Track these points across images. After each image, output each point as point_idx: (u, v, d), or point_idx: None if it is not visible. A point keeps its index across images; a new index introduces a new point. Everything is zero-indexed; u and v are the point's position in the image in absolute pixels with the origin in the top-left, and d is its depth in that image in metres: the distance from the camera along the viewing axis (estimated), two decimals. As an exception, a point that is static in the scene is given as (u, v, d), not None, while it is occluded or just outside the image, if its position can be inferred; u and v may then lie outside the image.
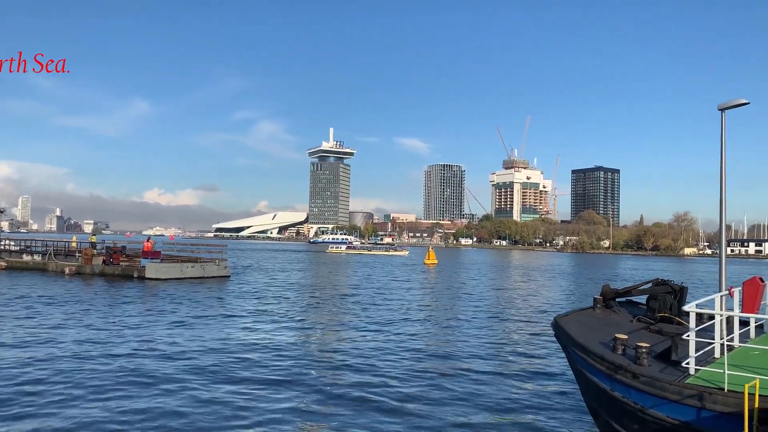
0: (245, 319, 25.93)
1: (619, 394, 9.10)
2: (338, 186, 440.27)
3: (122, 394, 13.45)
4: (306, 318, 27.04)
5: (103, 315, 25.70)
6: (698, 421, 7.98)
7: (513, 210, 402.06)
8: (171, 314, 26.60)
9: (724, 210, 13.64)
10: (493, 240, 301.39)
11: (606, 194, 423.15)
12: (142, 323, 23.77)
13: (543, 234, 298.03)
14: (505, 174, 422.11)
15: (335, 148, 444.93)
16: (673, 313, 12.08)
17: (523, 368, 17.46)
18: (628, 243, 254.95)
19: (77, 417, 11.76)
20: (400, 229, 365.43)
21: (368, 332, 23.23)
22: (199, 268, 48.10)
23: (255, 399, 13.39)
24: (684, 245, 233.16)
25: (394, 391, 14.38)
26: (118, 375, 15.10)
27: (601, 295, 12.98)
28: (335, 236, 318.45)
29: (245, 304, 31.41)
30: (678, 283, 12.82)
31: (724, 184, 13.44)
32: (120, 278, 44.99)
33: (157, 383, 14.44)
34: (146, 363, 16.58)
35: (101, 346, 18.71)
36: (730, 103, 12.85)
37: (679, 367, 8.99)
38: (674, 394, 8.22)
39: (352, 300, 35.33)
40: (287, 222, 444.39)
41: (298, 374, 15.86)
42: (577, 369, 10.74)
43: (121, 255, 49.37)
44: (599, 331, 11.10)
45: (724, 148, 13.22)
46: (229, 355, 18.08)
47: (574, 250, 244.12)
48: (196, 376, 15.23)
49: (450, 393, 14.31)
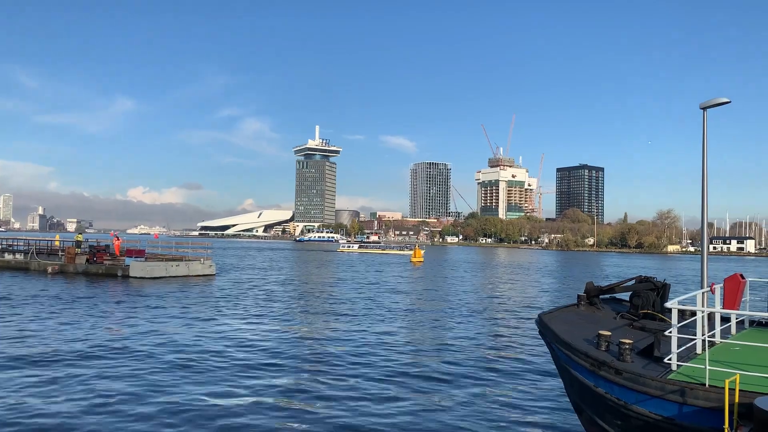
0: (229, 318, 25.81)
1: (603, 390, 9.18)
2: (324, 184, 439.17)
3: (96, 394, 13.35)
4: (289, 316, 26.97)
5: (80, 314, 25.47)
6: (680, 416, 8.07)
7: (498, 208, 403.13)
8: (153, 312, 26.41)
9: (706, 208, 13.79)
10: (478, 238, 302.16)
11: (590, 192, 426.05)
12: (124, 321, 23.59)
13: (528, 232, 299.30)
14: (490, 172, 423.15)
15: (321, 146, 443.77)
16: (655, 310, 12.20)
17: (508, 364, 17.55)
18: (612, 240, 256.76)
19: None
20: (386, 227, 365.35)
21: (352, 328, 23.23)
22: (184, 267, 47.81)
23: (236, 398, 13.35)
24: (667, 243, 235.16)
25: (377, 386, 14.40)
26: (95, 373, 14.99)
27: (585, 292, 13.07)
28: (321, 234, 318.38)
29: (229, 303, 31.26)
30: (661, 280, 12.95)
31: (706, 183, 13.59)
32: (104, 277, 44.60)
33: (130, 378, 14.35)
34: (122, 361, 16.46)
35: (75, 343, 18.57)
36: (712, 102, 13.00)
37: (662, 363, 9.09)
38: (656, 389, 8.31)
39: (335, 298, 35.28)
40: (273, 220, 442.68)
41: (282, 372, 15.83)
42: (561, 365, 10.81)
43: (105, 254, 48.95)
44: (583, 327, 11.18)
45: (705, 147, 13.36)
46: (206, 354, 18.00)
47: (559, 247, 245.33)
48: (166, 375, 15.15)
49: (434, 388, 14.35)
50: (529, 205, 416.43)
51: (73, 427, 11.18)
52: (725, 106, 13.29)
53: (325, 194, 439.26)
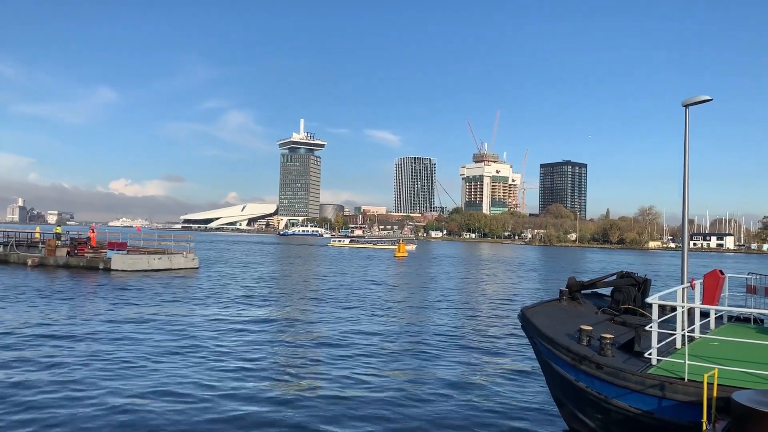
0: (209, 310, 25.65)
1: (584, 385, 9.26)
2: (309, 178, 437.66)
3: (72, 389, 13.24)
4: (270, 308, 26.90)
5: (57, 306, 25.21)
6: (659, 410, 8.17)
7: (483, 203, 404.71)
8: (131, 303, 26.20)
9: (686, 204, 13.93)
10: (462, 233, 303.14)
11: (573, 188, 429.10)
12: (100, 314, 23.38)
13: (512, 227, 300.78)
14: (475, 167, 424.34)
15: (306, 140, 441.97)
16: (636, 305, 12.33)
17: (490, 358, 17.64)
18: (594, 236, 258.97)
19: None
20: (370, 221, 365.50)
21: (334, 322, 23.23)
22: (166, 260, 47.45)
23: (221, 396, 13.29)
24: (649, 239, 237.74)
25: (359, 382, 14.41)
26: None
27: (567, 287, 13.17)
28: (305, 228, 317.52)
29: (211, 296, 31.08)
30: (642, 275, 13.08)
31: (687, 179, 13.72)
32: (85, 270, 44.14)
33: (106, 377, 14.25)
34: (101, 357, 16.34)
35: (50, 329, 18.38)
36: (694, 100, 13.13)
37: (642, 357, 9.19)
38: (636, 384, 8.40)
39: (317, 294, 35.25)
40: (257, 214, 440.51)
41: (263, 370, 15.79)
42: (543, 359, 10.89)
43: (86, 246, 48.43)
44: (565, 322, 11.26)
45: (687, 144, 13.49)
46: (186, 344, 17.91)
47: (542, 243, 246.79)
48: (138, 369, 15.05)
49: (415, 382, 14.38)
50: (513, 201, 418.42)
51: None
52: (707, 104, 13.42)
53: (310, 188, 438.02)
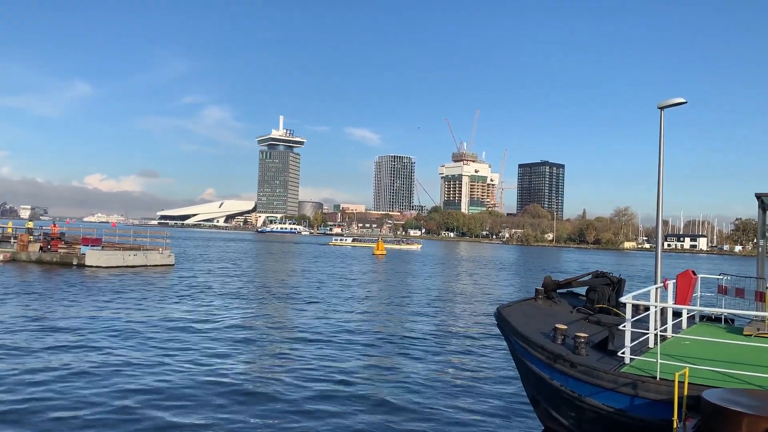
0: (184, 307, 25.43)
1: (558, 383, 9.34)
2: (288, 175, 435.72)
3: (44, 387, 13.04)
4: (246, 304, 26.75)
5: (27, 303, 24.81)
6: (631, 408, 8.28)
7: (461, 202, 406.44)
8: (106, 303, 25.86)
9: (661, 206, 14.13)
10: (441, 231, 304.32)
11: (551, 188, 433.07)
12: (72, 310, 23.05)
13: (490, 226, 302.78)
14: (454, 167, 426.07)
15: (285, 137, 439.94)
16: (611, 305, 12.46)
17: (465, 357, 17.72)
18: (571, 236, 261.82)
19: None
20: (349, 219, 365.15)
21: (302, 319, 23.17)
22: (142, 257, 46.92)
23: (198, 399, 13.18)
24: (624, 239, 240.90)
25: (330, 382, 14.39)
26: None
27: (542, 286, 13.27)
28: (284, 226, 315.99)
29: (187, 293, 30.81)
30: (617, 275, 13.24)
31: (662, 181, 13.91)
32: (58, 266, 43.48)
33: (79, 377, 14.06)
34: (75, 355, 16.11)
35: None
36: (669, 102, 13.33)
37: (615, 356, 9.30)
38: (609, 382, 8.50)
39: (296, 292, 35.13)
40: (235, 210, 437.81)
41: (238, 371, 15.69)
42: (518, 358, 10.96)
43: (59, 242, 47.68)
44: (540, 321, 11.35)
45: (662, 146, 13.68)
46: (161, 340, 17.74)
47: (519, 242, 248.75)
48: (109, 367, 14.89)
49: (387, 381, 14.39)
50: (491, 200, 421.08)
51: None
52: (683, 107, 13.63)
53: (289, 185, 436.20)
